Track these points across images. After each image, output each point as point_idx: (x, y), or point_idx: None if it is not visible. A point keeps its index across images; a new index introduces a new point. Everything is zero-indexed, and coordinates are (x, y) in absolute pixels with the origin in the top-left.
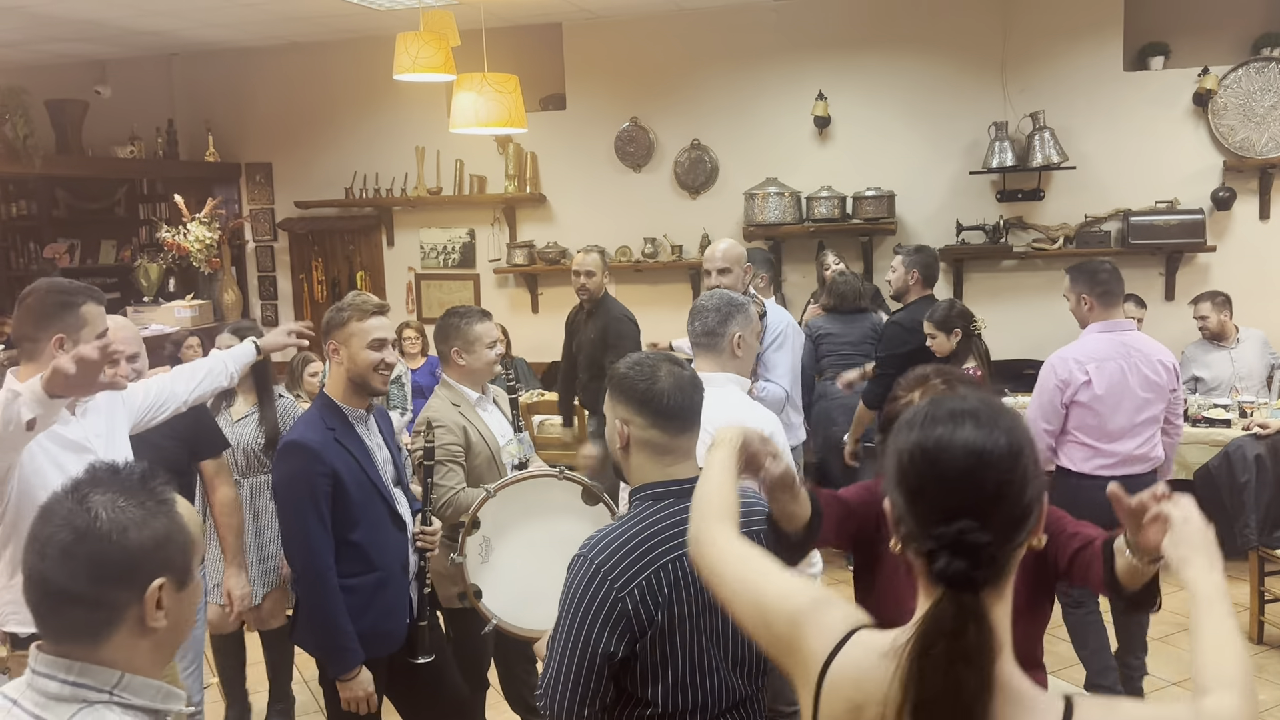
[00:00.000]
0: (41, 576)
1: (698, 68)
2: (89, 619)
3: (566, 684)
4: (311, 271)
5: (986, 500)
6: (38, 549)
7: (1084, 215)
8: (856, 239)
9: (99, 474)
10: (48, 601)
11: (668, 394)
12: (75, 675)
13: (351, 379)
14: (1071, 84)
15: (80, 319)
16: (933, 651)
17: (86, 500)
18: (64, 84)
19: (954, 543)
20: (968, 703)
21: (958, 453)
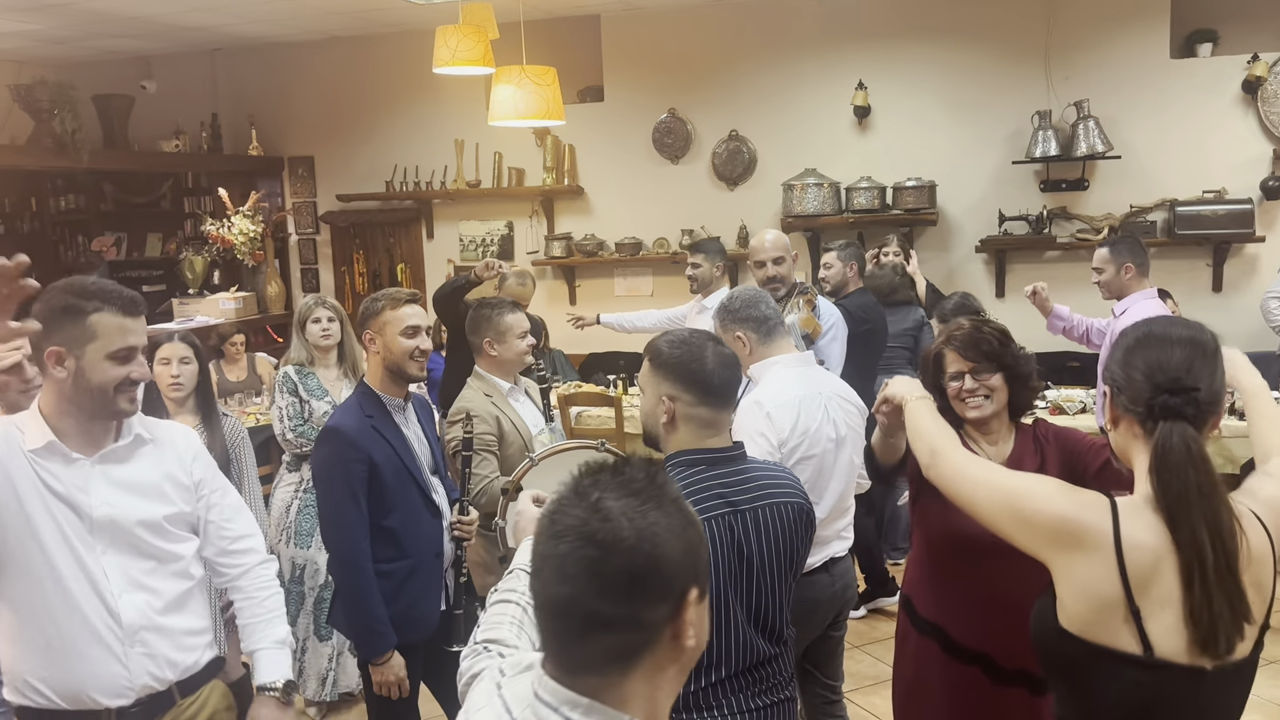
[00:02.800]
0: (566, 600)
1: (736, 58)
2: (623, 643)
3: None
4: (353, 264)
5: (1194, 366)
6: (555, 568)
7: (1129, 205)
8: (897, 230)
9: (601, 476)
10: (573, 628)
11: (716, 373)
12: (580, 715)
13: (388, 367)
14: (1117, 72)
15: (87, 330)
16: (1168, 461)
17: (600, 508)
18: (110, 79)
19: (1170, 385)
20: (1206, 492)
21: (1178, 337)
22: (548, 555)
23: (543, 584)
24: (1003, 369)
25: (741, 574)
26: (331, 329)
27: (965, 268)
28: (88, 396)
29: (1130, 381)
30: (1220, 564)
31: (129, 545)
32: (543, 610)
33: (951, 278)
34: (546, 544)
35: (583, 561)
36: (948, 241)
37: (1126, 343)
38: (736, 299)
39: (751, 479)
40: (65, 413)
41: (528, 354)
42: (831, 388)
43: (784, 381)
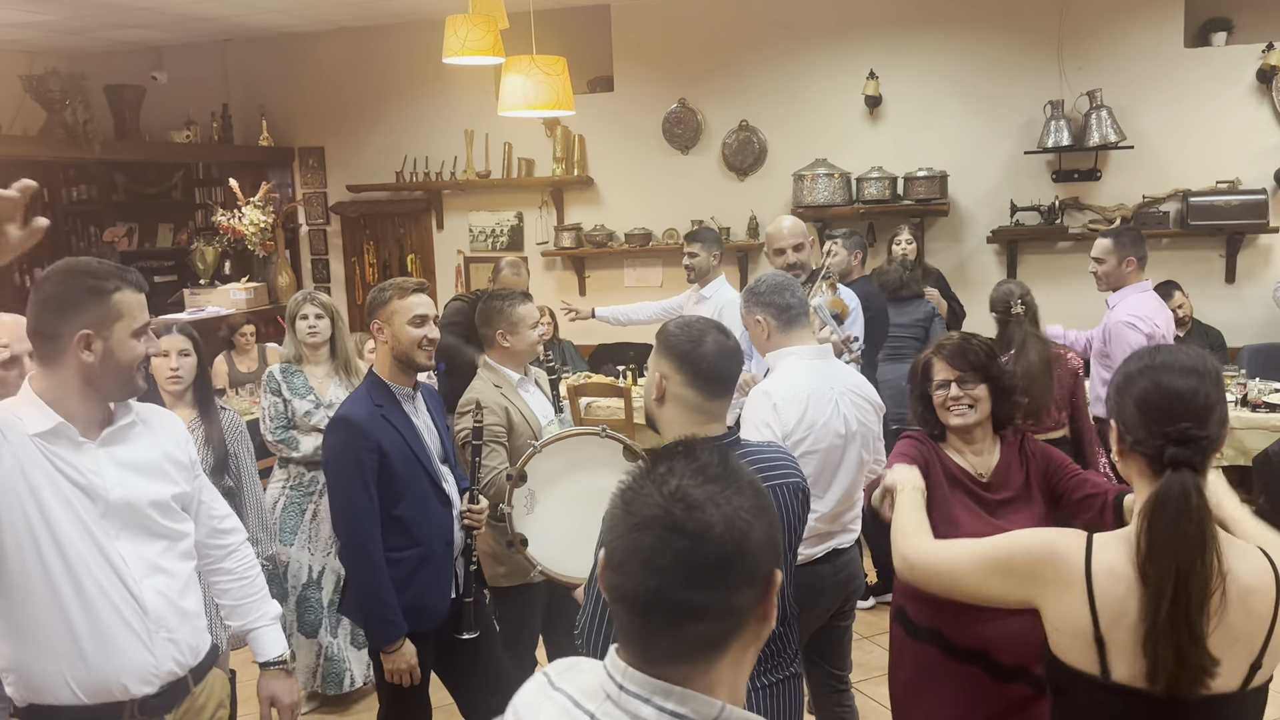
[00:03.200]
0: (654, 592)
1: (747, 48)
2: (713, 631)
3: (601, 624)
4: (363, 254)
5: (1204, 412)
6: (641, 561)
7: (1142, 196)
8: (908, 220)
9: (675, 464)
10: (661, 620)
11: (709, 358)
12: (675, 703)
13: (396, 356)
14: (1130, 61)
15: (113, 310)
16: (1164, 511)
17: (683, 496)
18: (122, 70)
19: (1180, 437)
20: (1190, 546)
21: (1186, 386)
22: (632, 548)
23: (625, 577)
24: (987, 380)
25: None
26: (319, 326)
27: (977, 258)
28: (114, 377)
29: (1139, 427)
30: (1179, 612)
31: (142, 527)
32: (626, 603)
33: (963, 268)
34: (627, 536)
35: (672, 553)
36: (959, 232)
37: (1135, 388)
38: (763, 283)
39: (749, 463)
40: (75, 395)
41: (539, 344)
42: (846, 382)
43: (796, 373)
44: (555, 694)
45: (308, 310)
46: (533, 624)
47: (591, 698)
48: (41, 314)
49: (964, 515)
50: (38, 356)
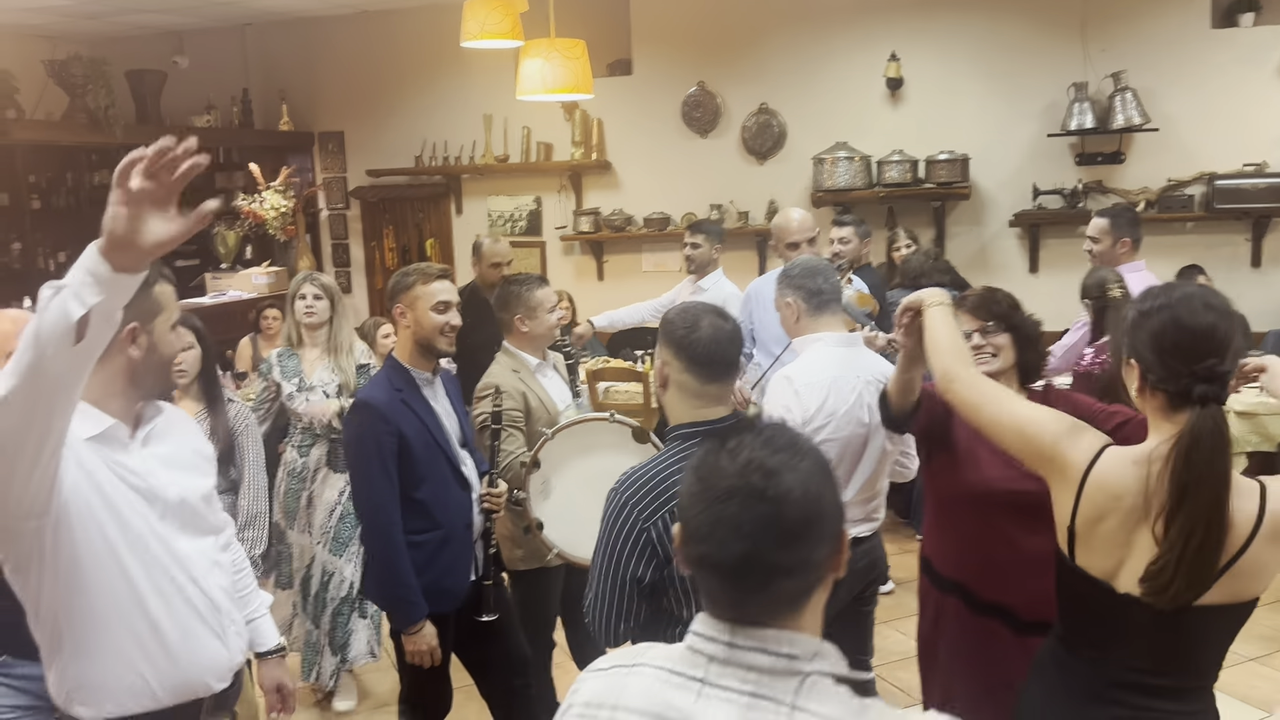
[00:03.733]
0: (744, 556)
1: (766, 30)
2: (799, 586)
3: (605, 604)
4: (383, 239)
5: (1224, 347)
6: (730, 529)
7: (1166, 179)
8: (928, 204)
9: (745, 438)
10: (754, 582)
11: (703, 343)
12: (786, 646)
13: (418, 341)
14: (1155, 43)
15: (154, 302)
16: (1200, 445)
17: (760, 466)
18: (143, 55)
19: (1207, 374)
20: (1222, 480)
21: (1207, 323)
22: (717, 518)
23: (715, 545)
24: (1010, 329)
25: None
26: (317, 307)
27: (998, 243)
28: (155, 372)
29: (1163, 366)
30: (1211, 541)
31: (195, 524)
32: (717, 570)
33: (984, 253)
34: (711, 508)
35: (759, 519)
36: (981, 216)
37: (1152, 324)
38: (797, 265)
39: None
40: (118, 393)
41: (558, 328)
42: (873, 372)
43: (821, 360)
44: (640, 669)
45: (306, 290)
46: (550, 607)
47: (690, 665)
48: None
49: (985, 455)
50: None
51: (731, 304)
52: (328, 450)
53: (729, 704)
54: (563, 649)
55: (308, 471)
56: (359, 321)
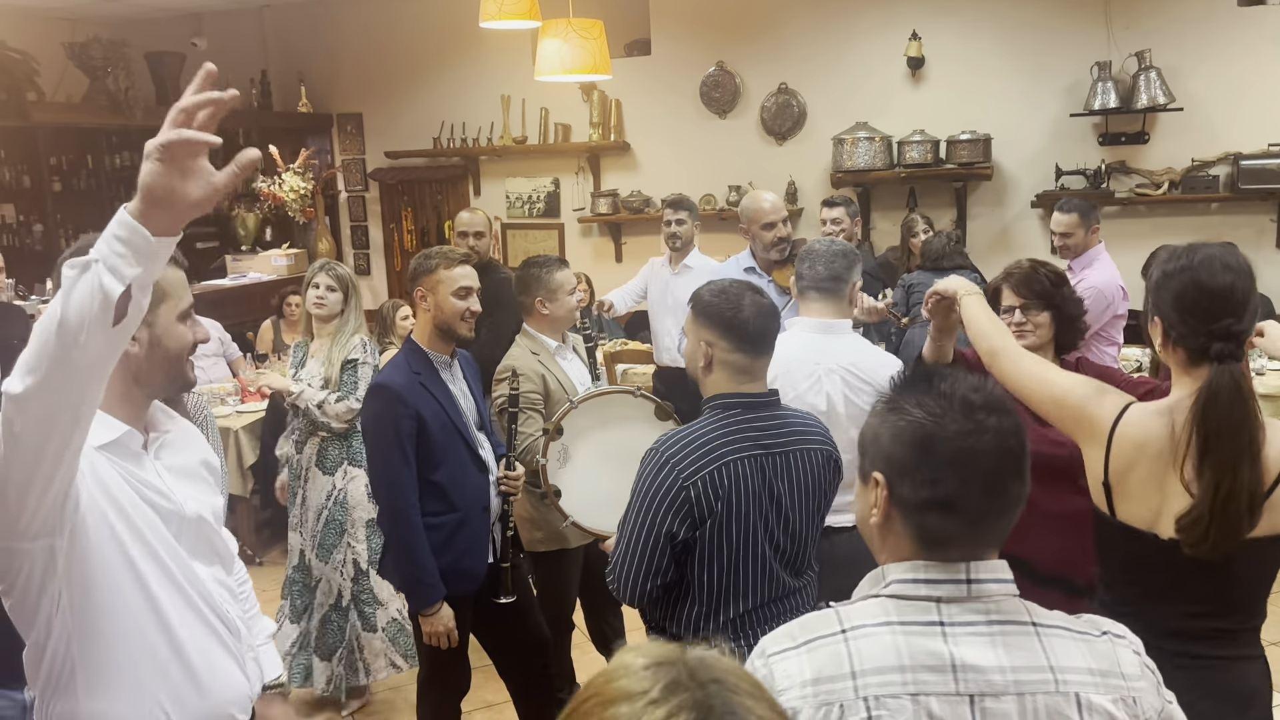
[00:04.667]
0: (988, 491)
1: (785, 9)
2: (1014, 518)
3: (633, 561)
4: (401, 221)
5: (1242, 307)
6: (970, 466)
7: (1191, 159)
8: (950, 185)
9: (942, 384)
10: (1009, 516)
11: (751, 321)
12: (1004, 572)
13: (438, 325)
14: (1181, 21)
15: (157, 290)
16: (1218, 400)
17: (985, 404)
18: (162, 37)
19: (1224, 333)
20: (1241, 431)
21: (1225, 283)
22: (952, 458)
23: (958, 484)
24: (1050, 308)
25: (771, 511)
26: (328, 299)
27: (1020, 223)
28: (162, 369)
29: (1183, 324)
30: (1240, 488)
31: (208, 543)
32: (956, 509)
33: (1006, 234)
34: (949, 444)
35: (999, 453)
36: (1003, 197)
37: (1173, 285)
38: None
39: (784, 424)
40: (122, 396)
41: (578, 310)
42: (843, 360)
43: (785, 344)
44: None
45: (320, 280)
46: (569, 588)
47: (918, 612)
48: None
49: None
50: None
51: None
52: (318, 449)
53: (979, 637)
54: (581, 631)
55: (300, 469)
56: (377, 303)
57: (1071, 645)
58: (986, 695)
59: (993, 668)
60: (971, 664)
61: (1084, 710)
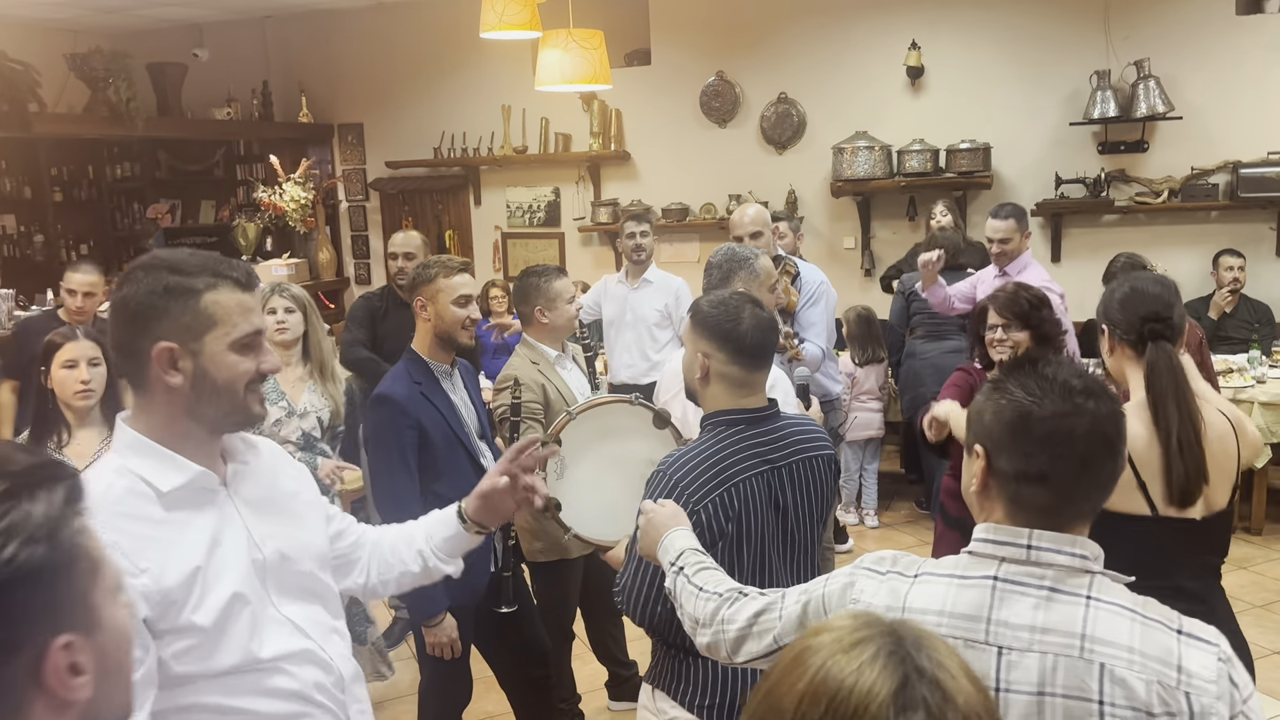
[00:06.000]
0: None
1: (785, 19)
2: (1103, 497)
3: (644, 584)
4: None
5: (1170, 307)
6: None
7: (1190, 168)
8: (950, 194)
9: (1044, 369)
10: (1086, 484)
11: (749, 334)
12: (1080, 548)
13: (438, 334)
14: (1179, 30)
15: (202, 315)
16: (1157, 369)
17: (1084, 389)
18: (164, 48)
19: (1154, 318)
20: (1181, 390)
21: (1156, 291)
22: (1052, 435)
23: (1049, 459)
24: (1029, 328)
25: (779, 525)
26: (289, 321)
27: None
28: (213, 403)
29: (1125, 319)
30: (1187, 437)
31: (297, 582)
32: (1044, 480)
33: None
34: (1045, 424)
35: (1095, 435)
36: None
37: (1118, 294)
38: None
39: (786, 435)
40: (185, 434)
41: (577, 318)
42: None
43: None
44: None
45: (276, 303)
46: (570, 598)
47: (980, 567)
48: (117, 323)
49: None
50: (128, 382)
51: (684, 296)
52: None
53: (1026, 597)
54: (582, 640)
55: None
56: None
57: (1122, 623)
58: (1013, 649)
59: (1024, 625)
60: (1005, 619)
61: (1106, 680)
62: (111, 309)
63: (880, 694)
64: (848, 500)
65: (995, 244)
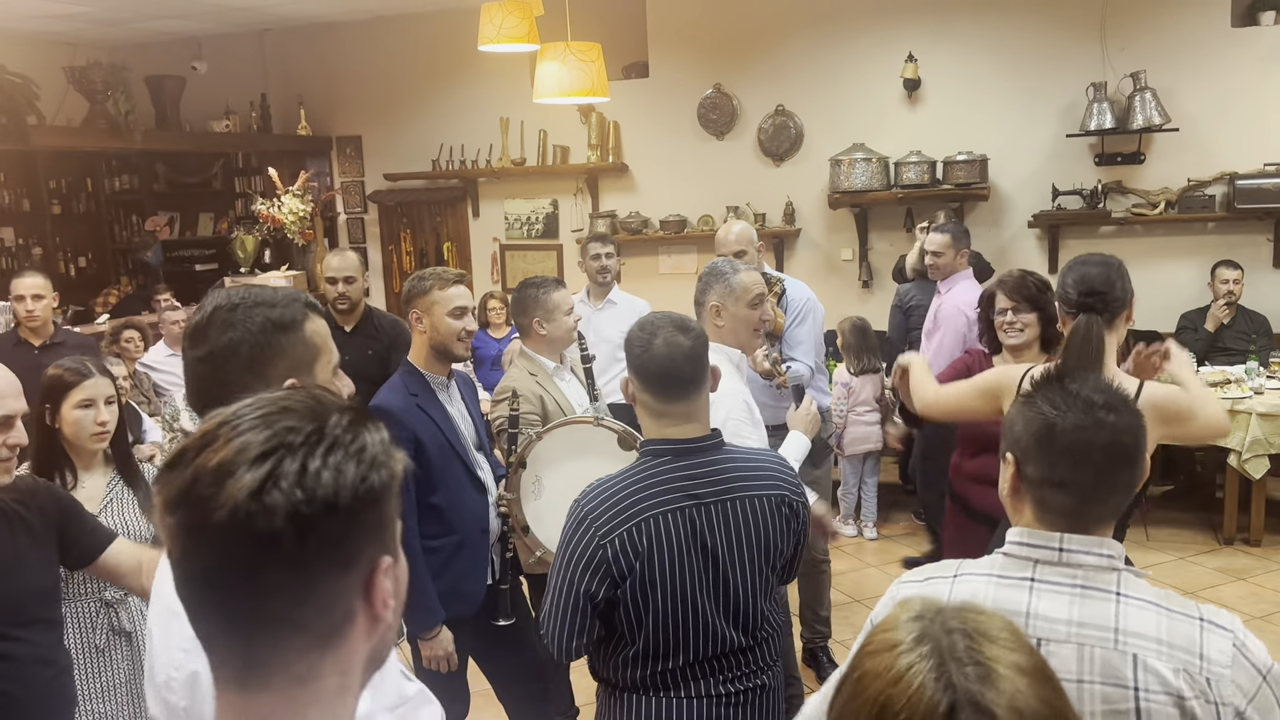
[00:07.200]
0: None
1: (783, 32)
2: (1123, 501)
3: (558, 618)
4: (400, 243)
5: (1107, 282)
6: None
7: (1187, 179)
8: (947, 205)
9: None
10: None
11: (656, 361)
12: (1107, 549)
13: (434, 346)
14: (1175, 42)
15: (309, 345)
16: (1076, 331)
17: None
18: (162, 60)
19: (1090, 291)
20: (1087, 354)
21: (1095, 264)
22: (1075, 446)
23: (1071, 468)
24: (1037, 309)
25: (706, 566)
26: None
27: (1018, 243)
28: None
29: (1065, 293)
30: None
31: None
32: (1066, 488)
33: (1004, 253)
34: (1068, 437)
35: (1110, 445)
36: (1000, 217)
37: (1068, 277)
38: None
39: (722, 470)
40: None
41: (575, 329)
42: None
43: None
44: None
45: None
46: None
47: (1017, 568)
48: (227, 371)
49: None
50: None
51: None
52: None
53: (1059, 595)
54: None
55: None
56: None
57: (1149, 616)
58: (1051, 640)
59: (1061, 619)
60: (1043, 614)
61: (1139, 670)
62: (213, 359)
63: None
64: (846, 512)
65: (929, 255)
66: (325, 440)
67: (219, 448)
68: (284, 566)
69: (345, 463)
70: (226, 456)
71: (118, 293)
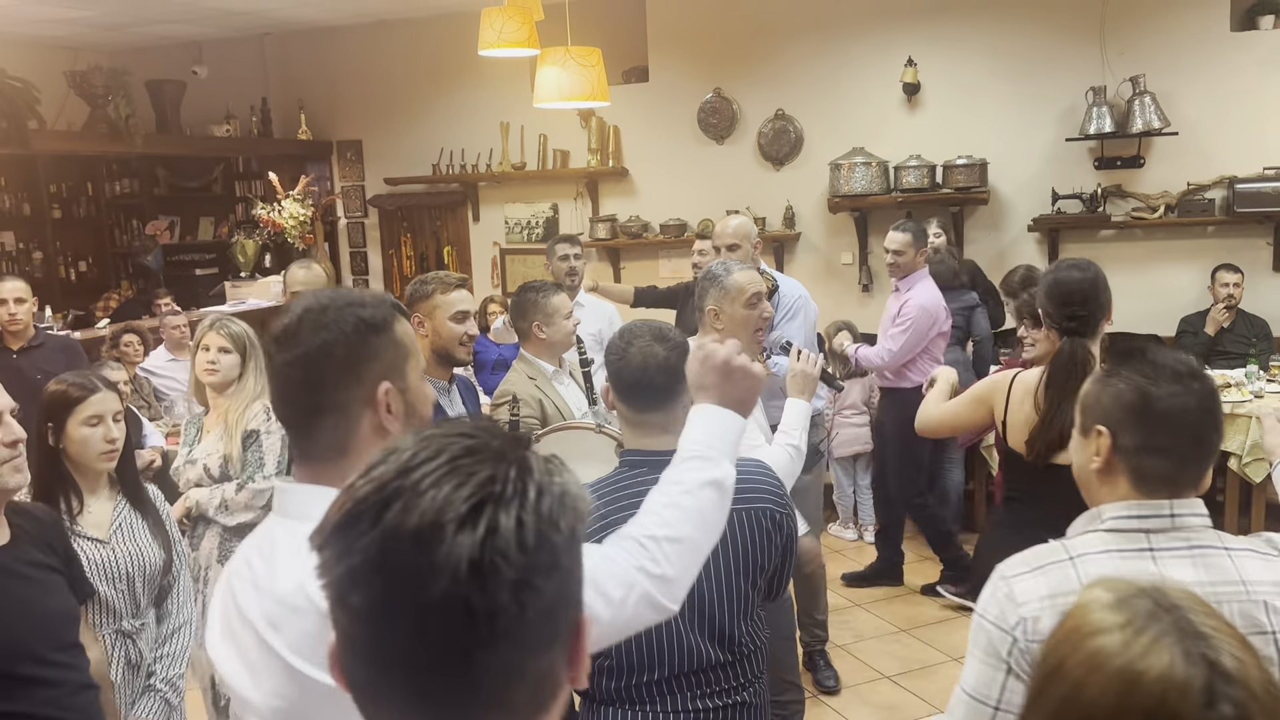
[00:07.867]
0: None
1: (783, 36)
2: (1209, 465)
3: None
4: (400, 247)
5: (1086, 299)
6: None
7: (1186, 183)
8: (946, 209)
9: (1152, 355)
10: (1198, 456)
11: (630, 370)
12: (1200, 507)
13: (435, 351)
14: (1175, 46)
15: (401, 345)
16: (1059, 357)
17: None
18: (163, 65)
19: (1072, 315)
20: (1074, 380)
21: (1075, 280)
22: (1172, 410)
23: (1171, 435)
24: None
25: None
26: (221, 363)
27: (1017, 247)
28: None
29: (1050, 310)
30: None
31: None
32: (1168, 454)
33: (1003, 257)
34: (1164, 403)
35: (1203, 410)
36: (999, 221)
37: (1046, 283)
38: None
39: None
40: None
41: (574, 333)
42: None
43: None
44: (1084, 559)
45: (210, 341)
46: None
47: (1130, 541)
48: (321, 375)
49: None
50: (308, 443)
51: (616, 321)
52: (219, 543)
53: (1181, 559)
54: None
55: (199, 569)
56: None
57: (1258, 563)
58: None
59: (1193, 582)
60: (1176, 580)
61: (1270, 614)
62: (305, 362)
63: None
64: (845, 516)
65: (890, 254)
66: (532, 487)
67: (410, 502)
68: (502, 644)
69: (559, 513)
70: (428, 516)
71: (118, 297)
